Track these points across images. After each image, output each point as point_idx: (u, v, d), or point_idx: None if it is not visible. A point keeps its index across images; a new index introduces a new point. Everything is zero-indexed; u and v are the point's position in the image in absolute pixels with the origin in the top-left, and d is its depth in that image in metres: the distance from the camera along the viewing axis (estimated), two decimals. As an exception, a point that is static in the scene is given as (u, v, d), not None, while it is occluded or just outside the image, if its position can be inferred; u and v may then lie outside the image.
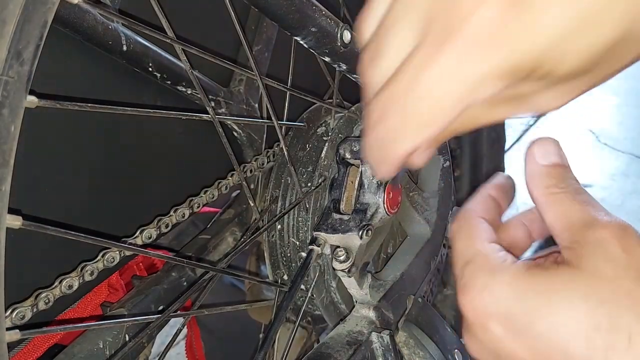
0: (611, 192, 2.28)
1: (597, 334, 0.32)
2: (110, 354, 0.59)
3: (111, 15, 0.54)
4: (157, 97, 0.68)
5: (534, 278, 0.35)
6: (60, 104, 0.43)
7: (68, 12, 0.52)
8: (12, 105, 0.36)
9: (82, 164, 0.61)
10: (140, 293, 0.66)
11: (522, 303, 0.35)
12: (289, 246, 0.69)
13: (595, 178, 2.38)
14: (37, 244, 0.57)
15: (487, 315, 0.36)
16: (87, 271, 0.56)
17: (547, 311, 0.34)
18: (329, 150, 0.67)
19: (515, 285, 0.36)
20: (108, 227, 0.64)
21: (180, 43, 0.50)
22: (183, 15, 0.70)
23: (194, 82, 0.53)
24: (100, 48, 0.57)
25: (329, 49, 0.53)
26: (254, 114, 0.76)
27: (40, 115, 0.43)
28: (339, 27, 0.53)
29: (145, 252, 0.59)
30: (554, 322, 0.33)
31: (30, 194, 0.56)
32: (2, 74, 0.35)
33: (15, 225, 0.37)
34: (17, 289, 0.53)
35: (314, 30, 0.51)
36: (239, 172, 0.60)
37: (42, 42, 0.37)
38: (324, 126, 0.72)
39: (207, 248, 0.73)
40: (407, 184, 0.75)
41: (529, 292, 0.35)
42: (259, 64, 0.77)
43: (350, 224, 0.62)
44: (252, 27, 0.78)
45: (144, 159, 0.68)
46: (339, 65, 0.56)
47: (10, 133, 0.36)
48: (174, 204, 0.67)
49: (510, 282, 0.36)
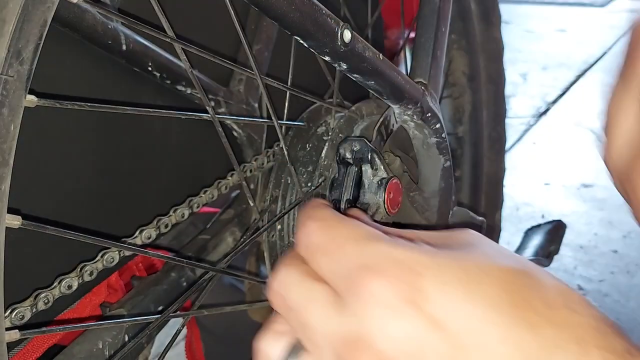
0: (612, 192, 2.27)
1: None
2: (109, 354, 0.59)
3: (111, 14, 0.54)
4: (156, 97, 0.68)
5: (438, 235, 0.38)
6: (60, 103, 0.43)
7: (67, 11, 0.52)
8: (12, 104, 0.36)
9: (81, 164, 0.61)
10: (140, 293, 0.66)
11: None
12: (289, 246, 0.69)
13: (595, 178, 2.38)
14: (37, 244, 0.57)
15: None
16: (86, 271, 0.56)
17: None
18: (329, 150, 0.67)
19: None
20: (107, 227, 0.64)
21: (180, 42, 0.50)
22: (183, 15, 0.70)
23: (194, 81, 0.53)
24: (100, 47, 0.57)
25: (329, 48, 0.53)
26: (253, 113, 0.76)
27: (39, 115, 0.43)
28: (339, 27, 0.53)
29: (144, 252, 0.59)
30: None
31: (29, 194, 0.56)
32: (1, 73, 0.35)
33: (14, 224, 0.37)
34: (17, 289, 0.53)
35: (314, 30, 0.51)
36: (239, 172, 0.60)
37: (42, 41, 0.37)
38: (324, 126, 0.72)
39: (207, 248, 0.73)
40: (408, 184, 0.75)
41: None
42: (259, 63, 0.77)
43: (350, 224, 0.62)
44: (252, 27, 0.78)
45: (143, 158, 0.68)
46: (339, 64, 0.56)
47: (10, 132, 0.36)
48: (174, 204, 0.67)
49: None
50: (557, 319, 0.32)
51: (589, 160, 2.52)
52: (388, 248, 0.34)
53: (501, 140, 1.29)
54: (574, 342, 0.31)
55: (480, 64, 1.22)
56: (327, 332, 0.33)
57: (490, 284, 0.32)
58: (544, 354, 0.31)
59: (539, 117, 2.93)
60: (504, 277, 0.33)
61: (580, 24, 4.33)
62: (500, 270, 0.33)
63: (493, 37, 1.21)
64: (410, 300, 0.31)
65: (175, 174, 0.72)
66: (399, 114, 0.71)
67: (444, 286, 0.32)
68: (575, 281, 1.85)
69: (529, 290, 0.33)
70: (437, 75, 0.75)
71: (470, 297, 0.32)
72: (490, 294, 0.32)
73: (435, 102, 0.73)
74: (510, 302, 0.32)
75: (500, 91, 1.26)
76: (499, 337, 0.31)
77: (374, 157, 0.65)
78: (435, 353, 0.31)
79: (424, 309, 0.31)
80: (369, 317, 0.32)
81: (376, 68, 0.60)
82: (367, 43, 0.58)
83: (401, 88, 0.66)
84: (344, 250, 0.34)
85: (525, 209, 2.19)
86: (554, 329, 0.31)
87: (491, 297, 0.32)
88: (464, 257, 0.34)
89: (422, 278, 0.32)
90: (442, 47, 0.76)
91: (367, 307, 0.32)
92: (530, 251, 1.09)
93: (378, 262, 0.33)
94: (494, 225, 1.33)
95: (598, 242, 2.01)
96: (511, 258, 0.35)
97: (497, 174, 1.30)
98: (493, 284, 0.32)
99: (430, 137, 0.74)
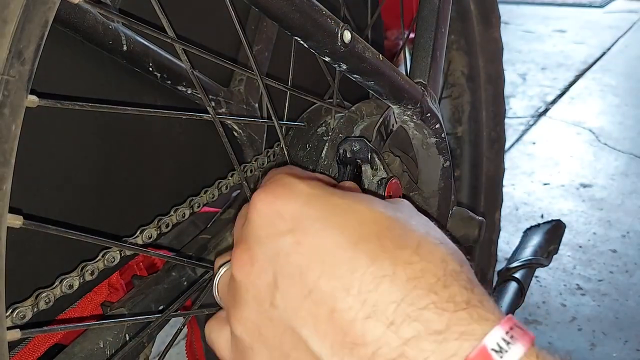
0: (611, 192, 2.28)
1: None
2: (110, 353, 0.59)
3: (112, 15, 0.54)
4: (157, 97, 0.68)
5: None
6: (61, 103, 0.43)
7: (68, 11, 0.52)
8: (13, 104, 0.36)
9: (82, 164, 0.61)
10: (141, 293, 0.66)
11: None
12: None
13: (595, 178, 2.38)
14: (38, 244, 0.57)
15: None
16: (87, 271, 0.56)
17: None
18: (329, 150, 0.67)
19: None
20: (108, 227, 0.64)
21: (181, 43, 0.50)
22: (183, 15, 0.70)
23: (195, 82, 0.54)
24: (101, 48, 0.57)
25: (329, 49, 0.53)
26: (254, 113, 0.76)
27: (41, 115, 0.43)
28: (339, 27, 0.53)
29: (145, 252, 0.59)
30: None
31: (30, 194, 0.56)
32: (3, 73, 0.35)
33: (16, 224, 0.37)
34: (18, 288, 0.53)
35: (314, 30, 0.51)
36: (239, 172, 0.60)
37: (43, 41, 0.37)
38: (324, 126, 0.72)
39: (208, 248, 0.73)
40: (407, 184, 0.75)
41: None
42: (259, 63, 0.77)
43: (350, 224, 0.62)
44: (252, 27, 0.78)
45: (144, 158, 0.68)
46: (339, 65, 0.56)
47: (11, 132, 0.36)
48: (174, 203, 0.67)
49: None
50: (400, 259, 0.37)
51: (588, 160, 2.52)
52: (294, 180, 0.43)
53: (500, 140, 1.29)
54: (404, 279, 0.36)
55: (480, 64, 1.22)
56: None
57: (354, 220, 0.39)
58: (370, 279, 0.36)
59: (538, 117, 2.93)
60: (370, 217, 0.39)
61: (579, 24, 4.33)
62: (371, 212, 0.40)
63: (492, 38, 1.21)
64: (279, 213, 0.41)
65: (175, 174, 0.72)
66: (398, 114, 0.71)
67: (313, 211, 0.40)
68: (574, 280, 1.85)
69: (387, 232, 0.38)
70: (436, 75, 0.75)
71: (329, 223, 0.39)
72: (348, 225, 0.39)
73: (434, 102, 0.74)
74: (362, 235, 0.38)
75: (500, 91, 1.26)
76: (335, 253, 0.38)
77: (374, 157, 0.65)
78: (284, 246, 0.39)
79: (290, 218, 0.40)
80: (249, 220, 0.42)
81: (376, 68, 0.60)
82: (367, 44, 0.58)
83: (401, 88, 0.66)
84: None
85: (524, 209, 2.20)
86: (392, 265, 0.36)
87: (348, 227, 0.38)
88: (354, 199, 0.41)
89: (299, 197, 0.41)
90: (441, 47, 0.76)
91: (250, 211, 0.42)
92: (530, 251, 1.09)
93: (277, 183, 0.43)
94: (494, 224, 1.33)
95: (597, 242, 2.02)
96: (400, 214, 0.41)
97: (497, 174, 1.31)
98: (356, 219, 0.39)
99: (429, 137, 0.74)
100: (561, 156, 2.56)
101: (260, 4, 0.48)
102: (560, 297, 1.79)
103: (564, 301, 1.77)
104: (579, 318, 1.70)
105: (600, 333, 1.65)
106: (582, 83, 3.31)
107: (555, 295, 1.80)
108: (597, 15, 4.52)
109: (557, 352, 0.35)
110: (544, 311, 1.73)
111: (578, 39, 4.00)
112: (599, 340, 1.63)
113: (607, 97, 3.11)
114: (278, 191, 0.42)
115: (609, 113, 2.95)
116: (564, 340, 1.63)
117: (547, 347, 0.36)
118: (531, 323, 1.69)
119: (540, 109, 3.02)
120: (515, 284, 1.03)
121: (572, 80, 3.34)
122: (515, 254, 1.10)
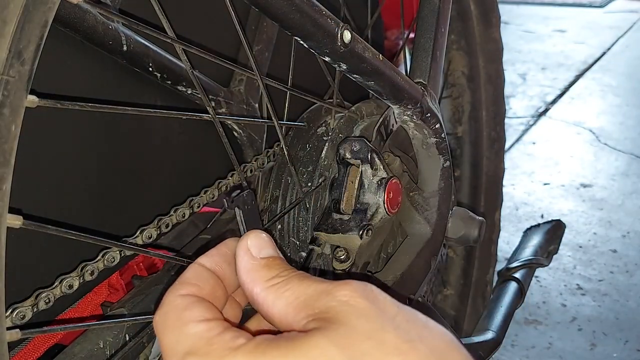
0: (611, 192, 2.28)
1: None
2: (110, 353, 0.59)
3: (111, 15, 0.54)
4: (157, 97, 0.68)
5: (280, 351, 0.33)
6: (60, 103, 0.43)
7: (68, 12, 0.52)
8: (13, 104, 0.36)
9: (82, 164, 0.61)
10: (141, 293, 0.66)
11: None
12: (289, 246, 0.69)
13: (595, 178, 2.38)
14: (38, 244, 0.57)
15: None
16: (87, 271, 0.56)
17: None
18: (329, 150, 0.67)
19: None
20: (108, 227, 0.64)
21: (181, 43, 0.50)
22: (183, 15, 0.70)
23: (194, 82, 0.53)
24: (101, 48, 0.57)
25: (329, 49, 0.53)
26: (254, 113, 0.76)
27: (41, 115, 0.43)
28: (339, 27, 0.53)
29: (145, 252, 0.59)
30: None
31: (30, 194, 0.56)
32: (3, 74, 0.35)
33: (15, 224, 0.37)
34: (18, 288, 0.53)
35: (314, 30, 0.51)
36: (239, 172, 0.60)
37: (43, 41, 0.37)
38: (324, 126, 0.72)
39: (208, 248, 0.73)
40: (408, 184, 0.75)
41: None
42: (259, 64, 0.77)
43: (350, 224, 0.63)
44: (252, 27, 0.78)
45: (144, 158, 0.68)
46: (339, 65, 0.56)
47: (11, 132, 0.36)
48: (174, 203, 0.67)
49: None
50: None
51: (588, 160, 2.52)
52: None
53: (500, 140, 1.29)
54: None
55: (480, 64, 1.22)
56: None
57: None
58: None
59: (538, 117, 2.93)
60: None
61: (579, 24, 4.33)
62: None
63: (492, 38, 1.21)
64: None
65: (175, 174, 0.72)
66: (398, 114, 0.71)
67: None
68: (574, 281, 1.85)
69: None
70: (436, 75, 0.75)
71: None
72: None
73: (434, 102, 0.74)
74: None
75: (500, 91, 1.26)
76: None
77: (374, 157, 0.65)
78: None
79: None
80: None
81: (376, 68, 0.60)
82: (366, 44, 0.58)
83: (401, 88, 0.66)
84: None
85: (524, 209, 2.20)
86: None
87: None
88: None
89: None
90: (441, 47, 0.76)
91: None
92: (530, 251, 1.09)
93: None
94: (494, 224, 1.33)
95: (597, 242, 2.02)
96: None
97: (497, 174, 1.31)
98: None
99: (429, 137, 0.74)
100: (561, 156, 2.56)
101: (260, 4, 0.48)
102: (560, 297, 1.79)
103: (564, 301, 1.77)
104: (579, 318, 1.70)
105: (600, 333, 1.65)
106: (582, 83, 3.31)
107: (555, 295, 1.80)
108: (597, 15, 4.52)
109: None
110: (544, 311, 1.73)
111: (578, 39, 4.00)
112: (599, 340, 1.63)
113: (607, 97, 3.12)
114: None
115: (609, 113, 2.95)
116: (564, 340, 1.63)
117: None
118: (531, 323, 1.69)
119: (540, 109, 3.02)
120: (515, 284, 1.03)
121: (572, 80, 3.34)
122: (515, 254, 1.10)
